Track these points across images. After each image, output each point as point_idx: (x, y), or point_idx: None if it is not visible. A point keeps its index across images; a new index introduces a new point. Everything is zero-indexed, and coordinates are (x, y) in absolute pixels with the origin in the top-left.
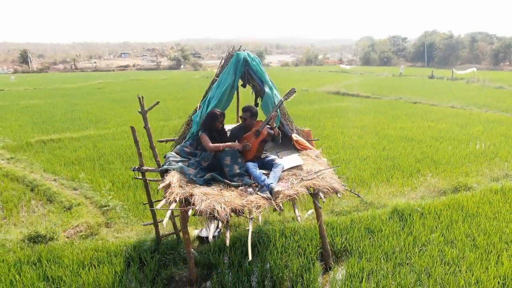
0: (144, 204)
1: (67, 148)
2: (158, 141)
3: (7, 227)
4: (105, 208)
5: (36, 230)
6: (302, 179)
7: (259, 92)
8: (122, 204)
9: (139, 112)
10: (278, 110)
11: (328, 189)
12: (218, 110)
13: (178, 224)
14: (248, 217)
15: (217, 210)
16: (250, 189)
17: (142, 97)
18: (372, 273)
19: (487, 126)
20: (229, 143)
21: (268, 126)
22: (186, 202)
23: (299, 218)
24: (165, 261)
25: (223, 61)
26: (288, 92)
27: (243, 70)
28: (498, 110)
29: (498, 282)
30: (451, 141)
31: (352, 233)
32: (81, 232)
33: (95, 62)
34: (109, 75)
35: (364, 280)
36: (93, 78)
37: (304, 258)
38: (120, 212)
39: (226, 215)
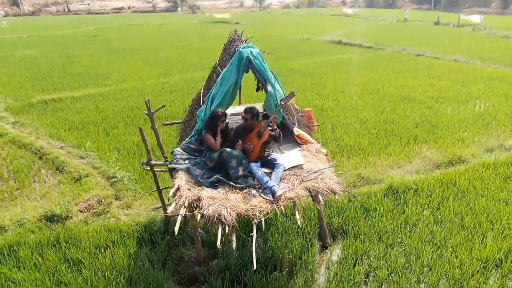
0: (153, 191)
1: (70, 109)
2: (163, 124)
3: (21, 200)
4: (113, 180)
5: (52, 210)
6: (302, 180)
7: (263, 86)
8: (129, 175)
9: (146, 114)
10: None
11: (327, 191)
12: (220, 110)
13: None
14: (252, 221)
15: (224, 215)
16: (254, 191)
17: (149, 100)
18: (365, 254)
19: (489, 84)
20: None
21: (269, 128)
22: (196, 201)
23: (299, 222)
24: (175, 242)
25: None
26: (288, 96)
27: (246, 69)
28: (502, 64)
29: (480, 264)
30: (450, 101)
31: (349, 213)
32: (93, 207)
33: (88, 4)
34: (104, 19)
35: (357, 262)
36: (87, 22)
37: (303, 239)
38: (127, 184)
39: (232, 219)
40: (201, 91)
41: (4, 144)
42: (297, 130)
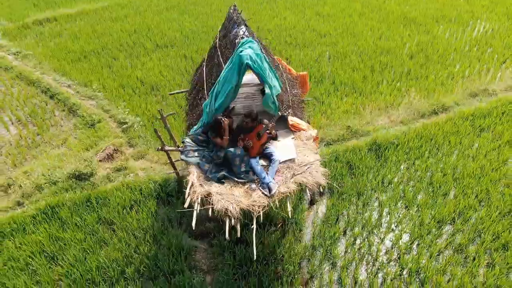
0: (169, 173)
1: (67, 34)
2: (169, 94)
3: (44, 147)
4: (124, 126)
5: (78, 169)
6: (294, 174)
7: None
8: (139, 121)
9: (159, 118)
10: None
11: (314, 185)
12: (221, 115)
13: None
14: (253, 215)
15: (230, 210)
16: (253, 185)
17: (161, 109)
18: (345, 211)
19: (494, 0)
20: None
21: (268, 131)
22: (207, 197)
23: (290, 214)
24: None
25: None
26: (283, 108)
27: (245, 72)
28: None
29: (436, 225)
30: (451, 23)
31: (335, 170)
32: (111, 157)
33: None
34: None
35: (338, 219)
36: None
37: (295, 197)
38: (138, 130)
39: (237, 213)
40: (204, 68)
41: (12, 80)
42: (291, 120)
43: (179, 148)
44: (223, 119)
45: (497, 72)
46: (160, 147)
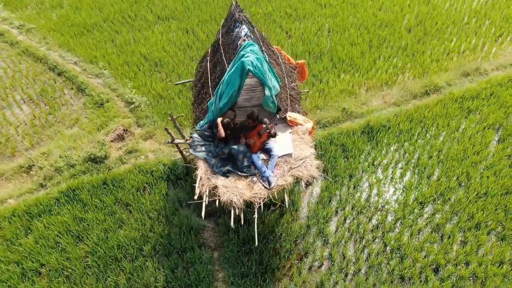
0: (182, 165)
1: (67, 2)
2: (175, 84)
3: (57, 127)
4: (132, 106)
5: (93, 152)
6: (291, 167)
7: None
8: (145, 101)
9: (170, 119)
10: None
11: (309, 178)
12: (226, 118)
13: None
14: (255, 206)
15: (235, 202)
16: (255, 178)
17: (171, 113)
18: (338, 192)
19: None
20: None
21: (267, 131)
22: (214, 190)
23: (286, 204)
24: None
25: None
26: (280, 112)
27: (247, 77)
28: None
29: (418, 206)
30: None
31: (330, 153)
32: (121, 137)
33: None
34: None
35: (331, 200)
36: None
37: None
38: (145, 110)
39: (241, 204)
40: (208, 63)
41: (20, 56)
42: (289, 115)
43: (187, 142)
44: (218, 120)
45: (492, 47)
46: (170, 140)
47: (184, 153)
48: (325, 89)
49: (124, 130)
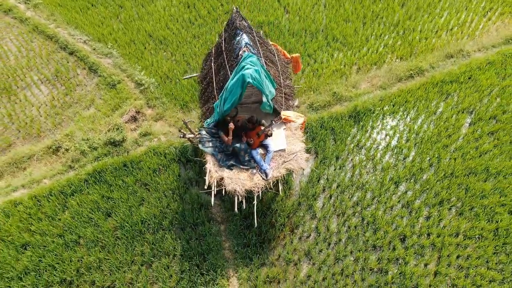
0: (194, 159)
1: None
2: (183, 78)
3: (75, 108)
4: (142, 87)
5: (112, 137)
6: (284, 161)
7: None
8: (153, 82)
9: (184, 122)
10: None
11: (299, 169)
12: (230, 120)
13: None
14: (254, 194)
15: (238, 191)
16: (254, 171)
17: (184, 119)
18: (326, 172)
19: None
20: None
21: (265, 132)
22: (221, 181)
23: (281, 192)
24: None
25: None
26: (276, 119)
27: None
28: None
29: (392, 184)
30: None
31: (320, 136)
32: (135, 118)
33: None
34: None
35: (319, 179)
36: None
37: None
38: (154, 92)
39: (243, 192)
40: (212, 63)
41: (30, 34)
42: (284, 114)
43: (197, 136)
44: (230, 125)
45: (479, 23)
46: (182, 135)
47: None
48: (319, 69)
49: (136, 111)
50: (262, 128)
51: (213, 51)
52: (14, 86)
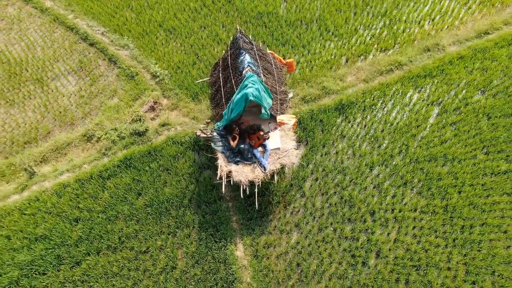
0: (210, 155)
1: None
2: (196, 82)
3: (100, 98)
4: (157, 79)
5: (137, 128)
6: (279, 157)
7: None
8: (167, 74)
9: (201, 130)
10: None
11: (290, 164)
12: (237, 129)
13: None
14: (256, 183)
15: (243, 181)
16: (255, 165)
17: (200, 129)
18: (314, 158)
19: None
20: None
21: (264, 137)
22: (229, 173)
23: (276, 181)
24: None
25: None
26: (272, 128)
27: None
28: None
29: (367, 169)
30: None
31: (310, 127)
32: (153, 109)
33: None
34: None
35: (308, 164)
36: None
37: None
38: (168, 83)
39: (247, 182)
40: (220, 74)
41: (52, 24)
42: (279, 118)
43: (209, 136)
44: (235, 133)
45: (460, 12)
46: (197, 135)
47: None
48: (312, 60)
49: (154, 102)
50: (261, 133)
51: (220, 62)
52: (45, 77)
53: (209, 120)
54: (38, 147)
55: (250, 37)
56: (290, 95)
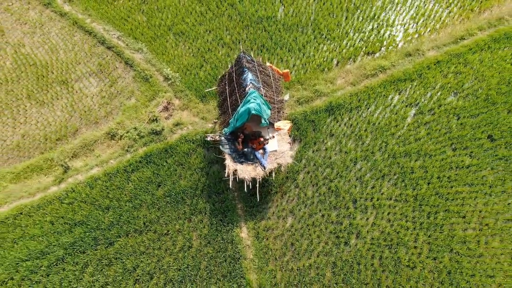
0: (219, 156)
1: None
2: (206, 91)
3: (119, 98)
4: (169, 81)
5: (154, 128)
6: (276, 158)
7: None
8: (177, 77)
9: (211, 137)
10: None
11: (285, 164)
12: (241, 135)
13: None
14: (257, 180)
15: (246, 178)
16: (256, 165)
17: (213, 135)
18: (307, 153)
19: None
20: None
21: (265, 142)
22: (235, 171)
23: (273, 178)
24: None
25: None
26: (271, 136)
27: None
28: None
29: (351, 164)
30: None
31: (303, 126)
32: (167, 109)
33: None
34: None
35: (301, 159)
36: None
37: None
38: (179, 86)
39: (250, 178)
40: (226, 86)
41: (71, 28)
42: (276, 125)
43: (218, 139)
44: (240, 139)
45: (440, 17)
46: (208, 139)
47: (212, 138)
48: (307, 63)
49: (167, 102)
50: (262, 139)
51: (226, 75)
52: (69, 79)
53: (216, 120)
54: (68, 143)
55: (251, 54)
56: (287, 97)
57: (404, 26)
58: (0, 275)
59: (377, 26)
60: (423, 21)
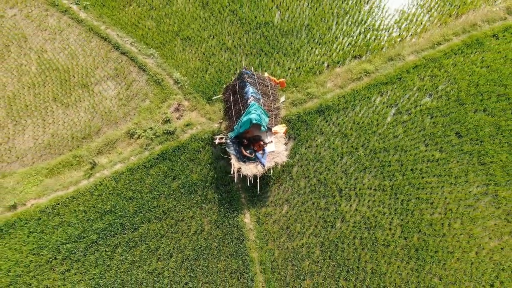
0: (225, 156)
1: None
2: (213, 98)
3: (136, 101)
4: (179, 84)
5: (168, 128)
6: (273, 157)
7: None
8: (186, 80)
9: (218, 141)
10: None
11: (282, 162)
12: (244, 138)
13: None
14: (258, 176)
15: (249, 174)
16: (257, 163)
17: (220, 139)
18: (299, 151)
19: None
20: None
21: (264, 145)
22: (239, 169)
23: (271, 174)
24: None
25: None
26: (269, 141)
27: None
28: None
29: (344, 166)
30: None
31: (297, 126)
32: (178, 110)
33: None
34: None
35: (295, 155)
36: None
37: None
38: (188, 89)
39: (252, 175)
40: (231, 97)
41: (88, 34)
42: (274, 129)
43: (224, 142)
44: (245, 143)
45: (421, 22)
46: (216, 142)
47: (219, 140)
48: (301, 67)
49: (178, 104)
50: (261, 143)
51: (230, 86)
52: (89, 82)
53: (221, 121)
54: (93, 142)
55: (252, 68)
56: (283, 99)
57: (389, 30)
58: (46, 256)
59: (364, 30)
60: (406, 25)
